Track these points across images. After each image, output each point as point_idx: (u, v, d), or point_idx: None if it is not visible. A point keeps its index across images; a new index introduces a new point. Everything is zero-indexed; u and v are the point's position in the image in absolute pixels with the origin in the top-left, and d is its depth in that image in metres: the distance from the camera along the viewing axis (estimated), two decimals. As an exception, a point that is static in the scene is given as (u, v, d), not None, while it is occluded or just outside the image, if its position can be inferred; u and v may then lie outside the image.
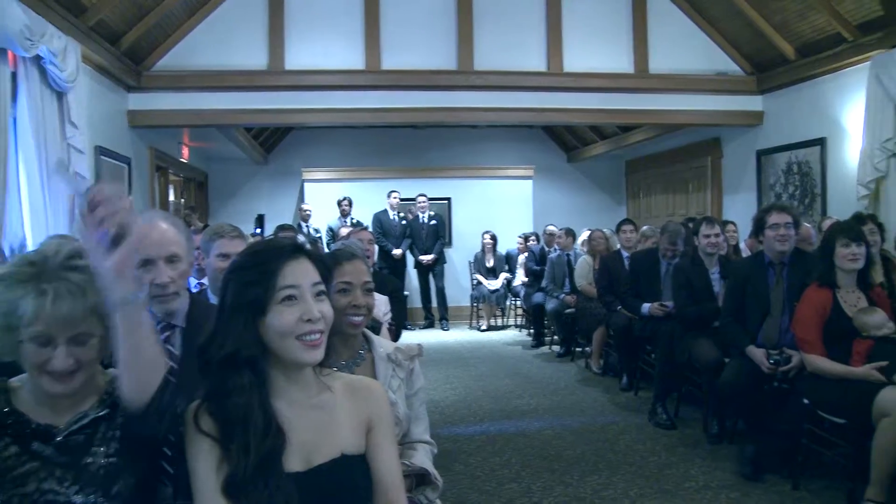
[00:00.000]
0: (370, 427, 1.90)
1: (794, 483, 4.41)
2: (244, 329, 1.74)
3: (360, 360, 2.63)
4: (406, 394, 2.68)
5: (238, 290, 1.76)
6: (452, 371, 8.32)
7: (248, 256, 1.84)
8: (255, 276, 1.75)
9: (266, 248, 1.84)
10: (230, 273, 1.82)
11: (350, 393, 1.92)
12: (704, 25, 9.33)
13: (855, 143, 7.68)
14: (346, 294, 2.62)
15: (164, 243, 2.41)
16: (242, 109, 8.69)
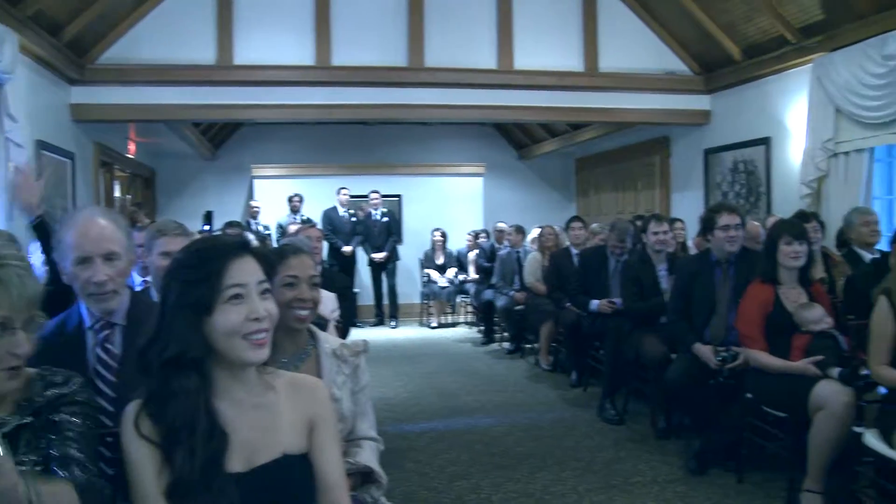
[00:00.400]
0: (313, 426, 1.88)
1: (739, 476, 4.49)
2: (189, 329, 1.70)
3: (306, 357, 2.60)
4: (351, 390, 2.66)
5: (182, 290, 1.73)
6: (402, 368, 8.31)
7: (191, 255, 1.79)
8: (201, 275, 1.72)
9: (210, 246, 1.81)
10: (172, 272, 1.78)
11: (292, 392, 1.90)
12: (654, 25, 9.43)
13: (798, 143, 7.84)
14: (291, 288, 2.61)
15: (101, 241, 2.36)
16: (190, 104, 8.54)
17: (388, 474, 3.24)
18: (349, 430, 2.64)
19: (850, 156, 7.16)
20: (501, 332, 9.84)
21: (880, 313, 3.45)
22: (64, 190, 7.70)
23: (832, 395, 3.71)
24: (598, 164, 13.28)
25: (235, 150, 13.45)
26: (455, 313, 12.11)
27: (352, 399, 2.66)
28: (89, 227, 2.36)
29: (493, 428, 5.89)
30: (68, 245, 2.34)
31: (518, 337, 9.14)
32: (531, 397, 6.91)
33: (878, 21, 6.70)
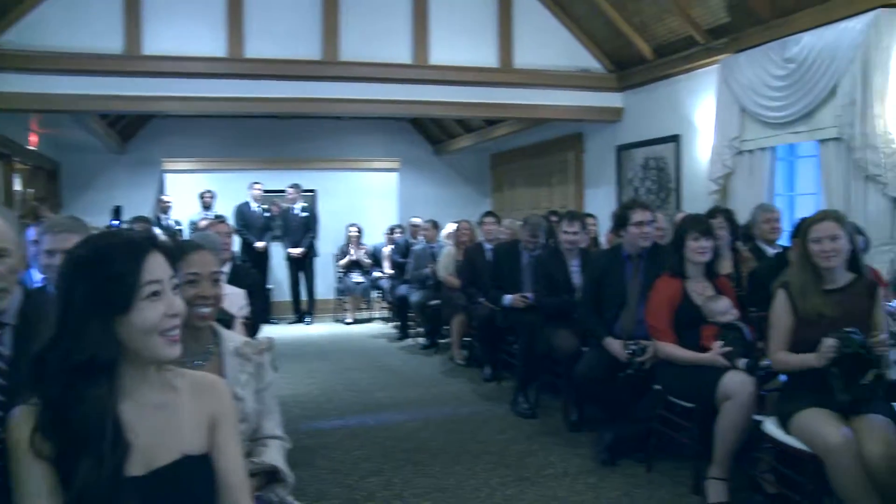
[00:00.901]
0: (213, 425, 1.83)
1: (648, 466, 4.59)
2: (102, 330, 1.61)
3: (209, 355, 2.54)
4: (255, 389, 2.60)
5: (93, 288, 1.63)
6: (316, 365, 8.21)
7: (100, 251, 1.68)
8: (115, 272, 1.63)
9: (122, 242, 1.71)
10: (77, 270, 1.66)
11: (193, 391, 1.83)
12: (568, 23, 9.53)
13: (706, 141, 8.04)
14: (193, 285, 2.54)
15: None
16: (96, 95, 8.20)
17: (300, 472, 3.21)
18: (254, 429, 2.59)
19: (755, 154, 7.38)
20: (416, 328, 9.82)
21: (779, 305, 3.57)
22: (-43, 182, 7.34)
23: (739, 385, 3.82)
24: (513, 160, 13.38)
25: (146, 144, 13.02)
26: (370, 309, 12.04)
27: (256, 398, 2.60)
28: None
29: (407, 423, 5.87)
30: None
31: (433, 332, 9.14)
32: (445, 392, 6.91)
33: (779, 25, 6.94)
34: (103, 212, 11.00)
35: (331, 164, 12.93)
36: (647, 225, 4.99)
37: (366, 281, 11.30)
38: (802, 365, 3.40)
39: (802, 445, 3.32)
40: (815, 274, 3.46)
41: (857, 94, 6.11)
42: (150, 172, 12.73)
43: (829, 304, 3.36)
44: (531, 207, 11.91)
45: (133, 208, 11.00)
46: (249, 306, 4.40)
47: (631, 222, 5.00)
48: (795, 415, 3.34)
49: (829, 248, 3.39)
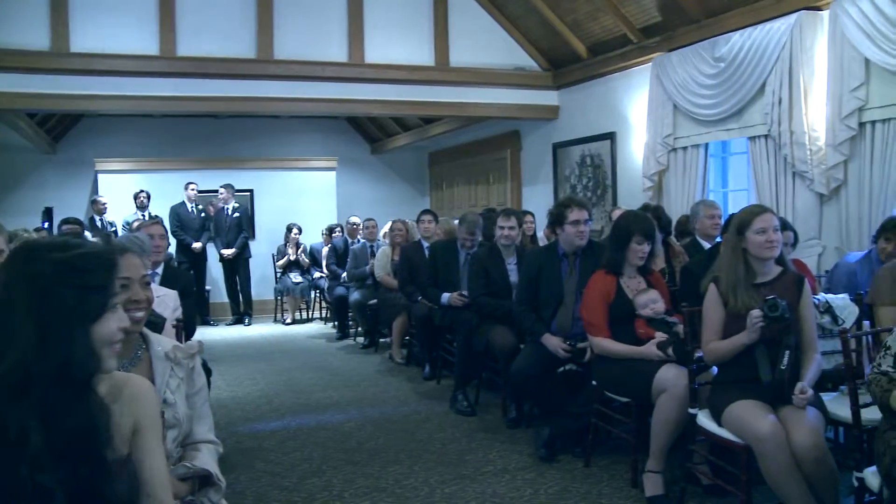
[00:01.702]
0: (136, 429, 1.79)
1: (586, 461, 4.62)
2: (89, 341, 1.55)
3: (137, 361, 2.47)
4: (186, 393, 2.55)
5: (80, 297, 1.55)
6: (255, 366, 8.10)
7: (85, 256, 1.59)
8: (100, 281, 1.58)
9: (102, 250, 1.65)
10: (61, 275, 1.55)
11: (116, 394, 1.78)
12: (503, 21, 9.60)
13: (640, 138, 8.17)
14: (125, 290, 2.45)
15: None
16: (21, 93, 8.02)
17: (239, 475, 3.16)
18: (185, 434, 2.53)
19: (688, 150, 7.53)
20: (356, 328, 9.77)
21: (710, 299, 3.63)
22: None
23: (673, 378, 3.87)
24: (451, 158, 13.42)
25: (77, 143, 12.72)
26: (309, 309, 11.94)
27: (187, 402, 2.54)
28: None
29: (346, 424, 5.82)
30: None
31: (371, 331, 9.10)
32: (384, 391, 6.89)
33: (709, 25, 7.10)
34: (33, 214, 10.73)
35: (268, 163, 12.78)
36: (583, 224, 5.03)
37: (304, 281, 11.20)
38: (733, 347, 3.45)
39: (734, 437, 3.38)
40: (747, 268, 3.53)
41: (783, 93, 6.29)
42: (82, 172, 12.43)
43: (759, 298, 3.43)
44: (469, 205, 11.97)
45: (65, 209, 10.75)
46: (182, 308, 4.31)
47: (567, 221, 5.03)
48: (727, 407, 3.40)
49: (774, 238, 3.46)
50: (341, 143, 14.12)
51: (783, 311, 3.28)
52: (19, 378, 1.48)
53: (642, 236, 4.42)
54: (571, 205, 5.09)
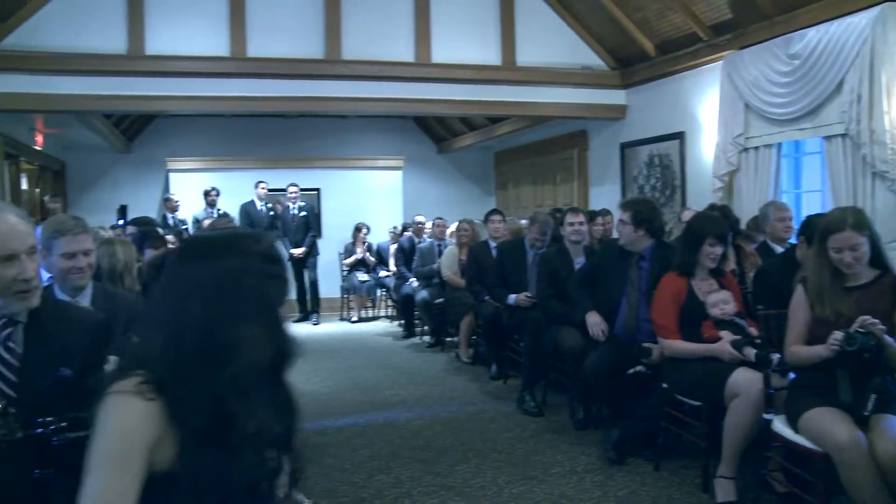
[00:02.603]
0: None
1: (655, 464, 4.57)
2: (287, 330, 1.66)
3: None
4: None
5: (280, 286, 1.67)
6: (322, 363, 8.21)
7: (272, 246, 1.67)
8: (280, 270, 1.66)
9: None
10: (269, 268, 1.62)
11: None
12: (570, 20, 9.53)
13: (710, 138, 8.04)
14: None
15: (21, 236, 2.24)
16: (100, 95, 8.26)
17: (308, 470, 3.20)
18: None
19: (760, 150, 7.38)
20: (422, 326, 9.83)
21: (796, 300, 3.53)
22: (-35, 183, 7.37)
23: (747, 382, 3.81)
24: (517, 158, 13.39)
25: (150, 143, 13.07)
26: (375, 307, 12.05)
27: None
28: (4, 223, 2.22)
29: (413, 421, 5.87)
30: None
31: (438, 330, 9.14)
32: (451, 390, 6.92)
33: (783, 21, 6.94)
34: (108, 211, 11.06)
35: (335, 162, 12.92)
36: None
37: (371, 279, 11.29)
38: (812, 356, 3.36)
39: (812, 444, 3.30)
40: (835, 273, 3.39)
41: (863, 90, 6.10)
42: (154, 171, 12.76)
43: (848, 302, 3.29)
44: (535, 205, 11.93)
45: (138, 207, 11.08)
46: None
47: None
48: (804, 413, 3.32)
49: (849, 260, 3.31)
50: (408, 142, 14.20)
51: (860, 346, 3.10)
52: (252, 376, 1.55)
53: (715, 238, 4.36)
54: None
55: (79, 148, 12.21)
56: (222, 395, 1.51)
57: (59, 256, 3.12)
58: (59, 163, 12.09)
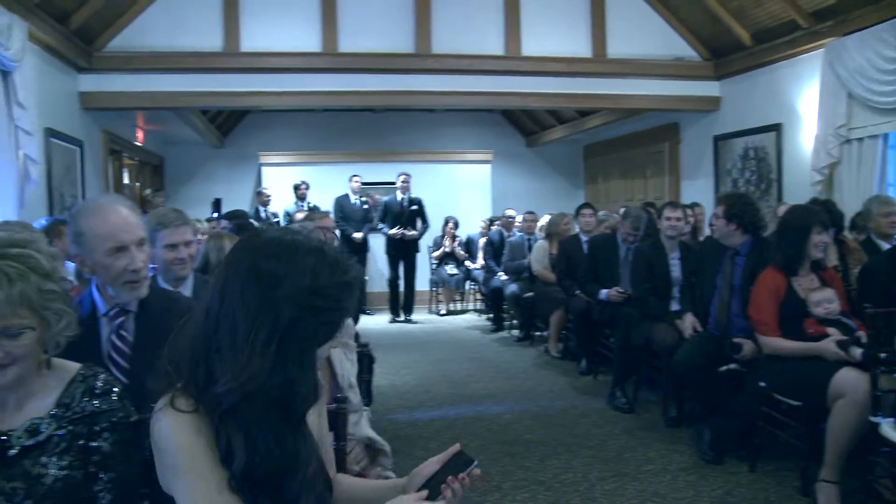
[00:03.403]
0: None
1: (751, 465, 4.47)
2: (313, 369, 1.61)
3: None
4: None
5: (321, 322, 1.54)
6: (411, 356, 8.29)
7: (336, 286, 1.51)
8: (343, 308, 1.55)
9: (349, 273, 1.56)
10: (314, 303, 1.48)
11: None
12: (662, 11, 9.35)
13: (809, 129, 7.77)
14: None
15: (131, 228, 2.34)
16: (197, 92, 8.52)
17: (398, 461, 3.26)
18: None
19: (864, 142, 7.10)
20: (510, 320, 9.82)
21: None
22: (73, 178, 7.70)
23: (853, 382, 3.66)
24: (607, 151, 13.22)
25: (243, 138, 13.44)
26: (464, 300, 12.09)
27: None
28: (117, 215, 2.33)
29: (503, 416, 5.88)
30: (98, 235, 2.29)
31: (527, 324, 9.12)
32: (540, 385, 6.89)
33: (892, 4, 6.63)
34: (203, 204, 11.39)
35: (423, 156, 12.99)
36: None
37: (460, 273, 11.33)
38: None
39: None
40: None
41: (976, 77, 5.81)
42: (247, 165, 13.11)
43: None
44: (625, 199, 11.79)
45: (231, 200, 11.39)
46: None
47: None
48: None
49: None
50: (496, 135, 14.18)
51: None
52: (241, 395, 1.46)
53: (821, 226, 4.23)
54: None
55: (176, 143, 12.63)
56: (221, 412, 1.48)
57: (162, 248, 3.24)
58: (157, 158, 12.51)
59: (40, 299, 1.66)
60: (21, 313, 1.64)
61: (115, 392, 1.83)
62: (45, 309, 1.67)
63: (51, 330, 1.71)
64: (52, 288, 1.70)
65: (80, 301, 2.39)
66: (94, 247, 2.30)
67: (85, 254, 2.33)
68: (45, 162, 6.85)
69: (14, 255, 1.66)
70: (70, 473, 1.70)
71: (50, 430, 1.72)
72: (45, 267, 1.70)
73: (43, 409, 1.74)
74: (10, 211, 5.81)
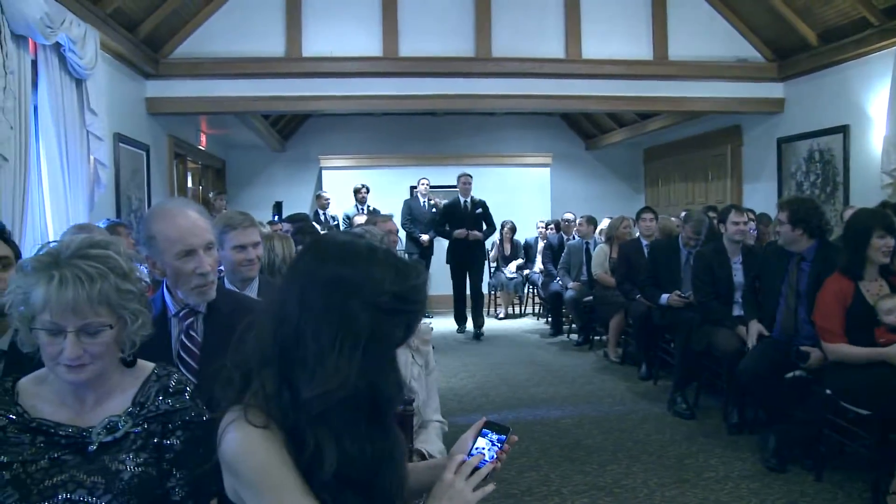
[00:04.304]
0: None
1: (817, 474, 4.38)
2: (396, 370, 1.64)
3: None
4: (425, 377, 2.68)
5: (403, 326, 1.58)
6: (469, 359, 8.32)
7: (414, 289, 1.55)
8: (418, 312, 1.59)
9: (422, 276, 1.59)
10: (397, 307, 1.51)
11: None
12: (725, 11, 9.22)
13: (879, 131, 7.58)
14: None
15: (200, 231, 2.39)
16: (259, 97, 8.68)
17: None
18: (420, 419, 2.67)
19: (936, 144, 6.90)
20: (569, 324, 9.78)
21: None
22: (140, 181, 7.91)
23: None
24: (667, 154, 13.08)
25: (304, 142, 13.64)
26: (523, 304, 12.07)
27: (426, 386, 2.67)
28: (186, 219, 2.39)
29: (562, 420, 5.86)
30: (168, 238, 2.35)
31: (587, 329, 9.07)
32: (600, 389, 6.86)
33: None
34: (264, 207, 11.59)
35: (483, 159, 13.00)
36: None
37: (518, 276, 11.31)
38: None
39: None
40: None
41: None
42: (307, 169, 13.32)
43: None
44: (686, 203, 11.65)
45: (291, 204, 11.57)
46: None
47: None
48: None
49: None
50: (556, 139, 14.15)
51: None
52: (331, 401, 1.48)
53: (884, 230, 4.14)
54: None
55: (238, 147, 12.87)
56: (301, 418, 1.49)
57: (230, 249, 3.31)
58: (220, 161, 12.77)
59: (119, 299, 1.71)
60: (100, 312, 1.69)
61: (188, 391, 1.89)
62: (123, 308, 1.72)
63: (127, 329, 1.76)
64: (130, 288, 1.75)
65: (152, 302, 2.45)
66: (165, 249, 2.36)
67: (156, 256, 2.39)
68: (114, 166, 7.05)
69: (94, 256, 1.71)
70: (145, 470, 1.75)
71: (126, 427, 1.77)
72: (124, 267, 1.75)
73: (120, 407, 1.80)
74: (82, 213, 5.99)
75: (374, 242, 1.56)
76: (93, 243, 1.75)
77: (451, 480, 1.60)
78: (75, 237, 1.79)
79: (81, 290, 1.66)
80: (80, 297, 1.65)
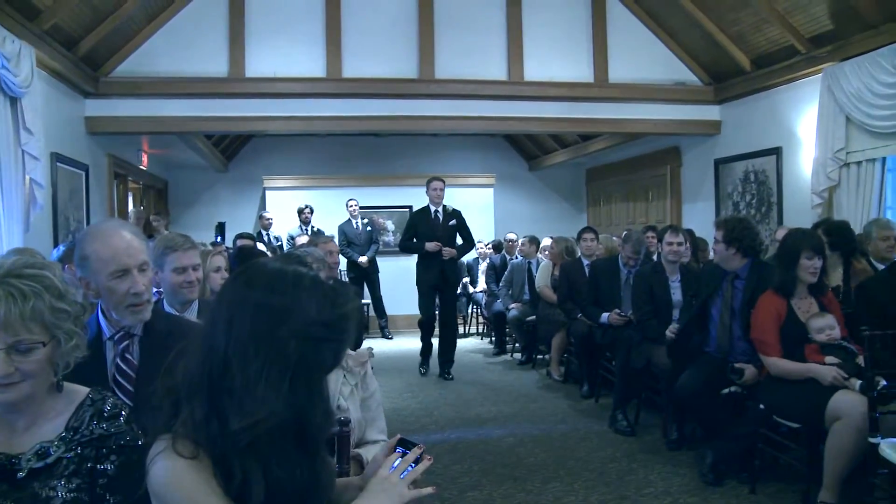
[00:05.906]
0: None
1: (752, 487, 4.47)
2: (326, 398, 1.64)
3: None
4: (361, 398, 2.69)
5: (333, 352, 1.58)
6: (414, 379, 8.31)
7: (343, 317, 1.55)
8: (349, 337, 1.60)
9: (354, 302, 1.61)
10: (329, 335, 1.52)
11: None
12: (663, 36, 9.44)
13: (808, 153, 7.82)
14: None
15: (134, 252, 2.37)
16: (202, 117, 8.60)
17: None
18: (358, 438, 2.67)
19: (862, 165, 7.14)
20: (513, 343, 9.83)
21: None
22: (78, 201, 7.76)
23: (850, 405, 3.69)
24: (609, 175, 13.29)
25: (247, 162, 13.54)
26: (466, 324, 12.09)
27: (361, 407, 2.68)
28: (120, 239, 2.37)
29: (505, 438, 5.89)
30: (101, 259, 2.33)
31: (529, 348, 9.14)
32: (543, 408, 6.91)
33: (890, 30, 6.70)
34: (207, 228, 11.47)
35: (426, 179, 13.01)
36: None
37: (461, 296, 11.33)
38: None
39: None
40: None
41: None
42: (251, 189, 13.23)
43: None
44: (627, 222, 11.83)
45: (235, 224, 11.46)
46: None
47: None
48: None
49: None
50: (499, 160, 14.27)
51: None
52: (259, 432, 1.47)
53: (812, 251, 4.28)
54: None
55: (180, 167, 12.73)
56: (229, 447, 1.48)
57: (170, 271, 3.29)
58: (162, 181, 12.60)
59: (52, 317, 1.70)
60: (33, 329, 1.68)
61: (123, 415, 1.87)
62: (56, 328, 1.71)
63: (60, 349, 1.74)
64: (65, 308, 1.74)
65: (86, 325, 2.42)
66: (98, 269, 2.33)
67: (89, 277, 2.36)
68: (51, 186, 6.91)
69: (29, 275, 1.70)
70: (78, 496, 1.73)
71: (59, 453, 1.75)
72: (59, 287, 1.74)
73: (52, 433, 1.78)
74: (17, 234, 5.86)
75: (303, 270, 1.56)
76: (28, 264, 1.74)
77: (385, 475, 1.61)
78: (10, 258, 1.77)
79: (14, 306, 1.65)
80: (11, 314, 1.64)
